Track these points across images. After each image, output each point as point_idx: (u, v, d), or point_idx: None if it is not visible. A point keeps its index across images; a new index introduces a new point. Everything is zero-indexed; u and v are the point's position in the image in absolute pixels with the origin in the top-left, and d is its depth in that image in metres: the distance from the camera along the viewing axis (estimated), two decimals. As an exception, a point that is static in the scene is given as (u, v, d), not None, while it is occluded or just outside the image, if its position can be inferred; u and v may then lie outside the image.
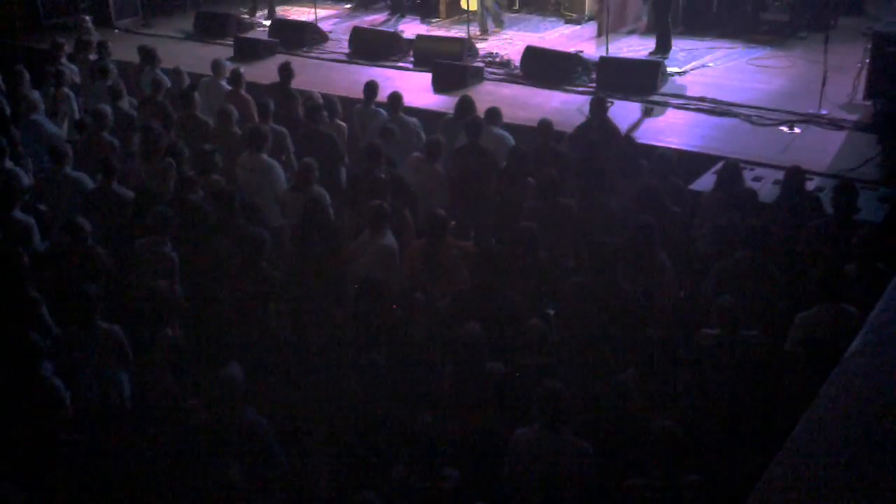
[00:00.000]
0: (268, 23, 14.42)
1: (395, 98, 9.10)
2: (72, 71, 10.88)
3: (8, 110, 9.61)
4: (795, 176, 7.11)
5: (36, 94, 10.06)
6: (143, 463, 5.06)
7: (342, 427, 5.00)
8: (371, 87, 9.42)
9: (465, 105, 8.91)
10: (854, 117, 9.70)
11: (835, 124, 9.58)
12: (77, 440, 5.35)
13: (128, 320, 5.92)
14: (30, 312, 6.13)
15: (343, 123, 9.17)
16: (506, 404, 5.16)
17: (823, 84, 9.87)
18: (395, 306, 5.94)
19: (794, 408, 5.15)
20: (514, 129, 8.98)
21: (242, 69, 10.22)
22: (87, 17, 13.14)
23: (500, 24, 13.84)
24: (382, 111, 9.25)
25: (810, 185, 8.09)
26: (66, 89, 10.14)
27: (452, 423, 4.91)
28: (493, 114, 8.69)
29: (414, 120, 9.12)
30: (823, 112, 9.77)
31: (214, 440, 4.83)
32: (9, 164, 8.15)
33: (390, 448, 4.78)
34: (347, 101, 10.01)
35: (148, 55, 10.88)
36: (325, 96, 9.59)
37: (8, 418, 5.26)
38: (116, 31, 14.68)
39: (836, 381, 2.68)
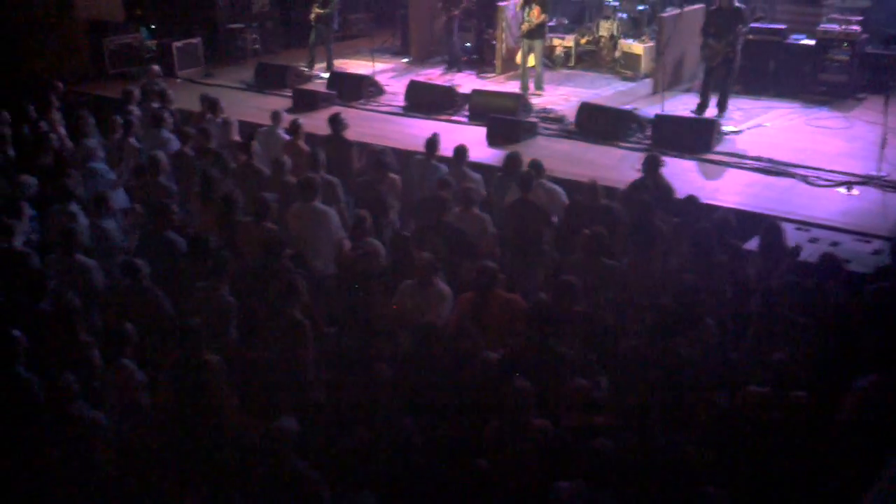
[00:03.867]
0: (326, 76, 14.70)
1: (460, 151, 9.18)
2: (139, 118, 11.17)
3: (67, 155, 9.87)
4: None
5: (93, 142, 10.33)
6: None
7: (389, 474, 4.98)
8: (433, 141, 9.51)
9: (513, 161, 8.94)
10: (914, 180, 9.53)
11: (894, 186, 9.43)
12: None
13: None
14: (79, 355, 6.26)
15: (397, 177, 9.23)
16: (550, 461, 5.10)
17: (883, 145, 9.74)
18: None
19: (849, 472, 5.04)
20: (566, 183, 9.01)
21: (301, 120, 10.39)
22: (157, 67, 13.56)
23: (540, 87, 13.77)
24: (443, 165, 9.33)
25: (868, 248, 7.96)
26: (132, 140, 10.38)
27: (493, 475, 4.88)
28: (539, 167, 8.71)
29: (477, 175, 9.10)
30: (883, 174, 9.62)
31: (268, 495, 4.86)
32: (73, 207, 8.34)
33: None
34: (402, 154, 10.10)
35: (211, 104, 11.16)
36: (380, 150, 9.68)
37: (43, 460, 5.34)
38: (179, 80, 15.10)
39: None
